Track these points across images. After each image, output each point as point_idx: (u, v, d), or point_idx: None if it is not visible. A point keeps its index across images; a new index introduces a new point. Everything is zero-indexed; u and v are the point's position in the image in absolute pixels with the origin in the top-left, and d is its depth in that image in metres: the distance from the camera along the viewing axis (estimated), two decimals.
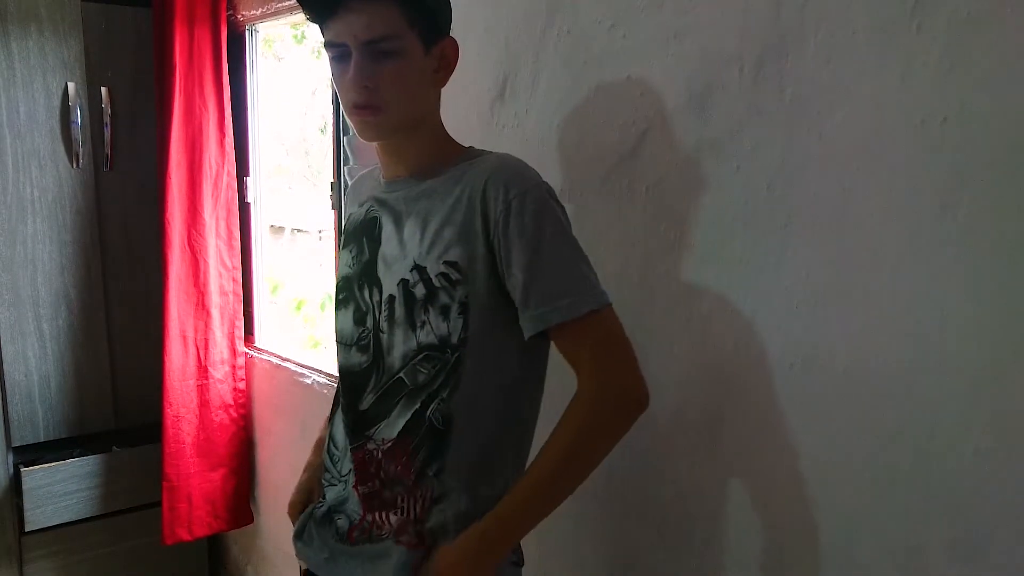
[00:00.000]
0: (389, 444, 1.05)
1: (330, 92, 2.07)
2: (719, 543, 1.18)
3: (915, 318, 0.93)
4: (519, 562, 1.12)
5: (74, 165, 2.37)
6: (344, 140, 2.04)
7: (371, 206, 1.14)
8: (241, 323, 2.50)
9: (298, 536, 1.18)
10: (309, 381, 2.19)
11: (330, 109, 2.08)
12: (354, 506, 1.10)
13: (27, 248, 2.33)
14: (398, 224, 1.08)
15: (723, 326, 1.14)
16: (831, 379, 1.02)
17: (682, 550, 1.23)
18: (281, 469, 2.43)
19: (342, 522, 1.11)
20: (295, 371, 2.28)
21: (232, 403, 2.50)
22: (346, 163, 2.05)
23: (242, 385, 2.52)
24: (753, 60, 1.06)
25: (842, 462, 1.02)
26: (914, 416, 0.94)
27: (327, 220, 2.18)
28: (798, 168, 1.03)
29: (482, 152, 1.09)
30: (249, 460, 2.57)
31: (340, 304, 1.15)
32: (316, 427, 2.15)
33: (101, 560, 2.53)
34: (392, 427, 1.05)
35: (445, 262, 1.01)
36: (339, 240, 2.08)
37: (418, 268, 1.03)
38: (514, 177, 1.00)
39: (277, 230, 2.75)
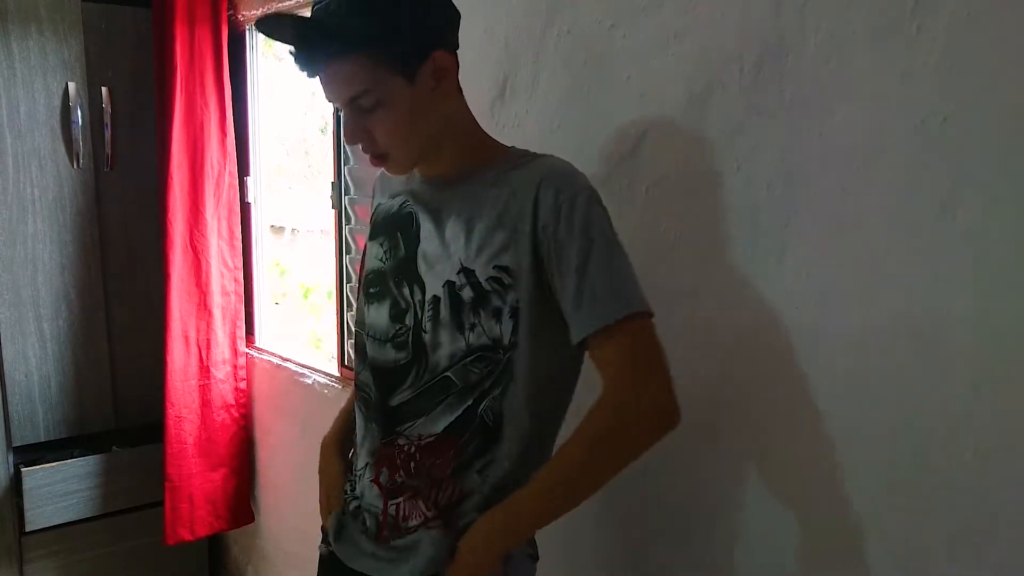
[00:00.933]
0: (429, 440, 1.05)
1: None
2: (719, 543, 1.18)
3: (915, 318, 0.93)
4: (535, 556, 1.13)
5: (74, 165, 2.37)
6: (344, 140, 2.04)
7: (406, 200, 1.13)
8: (242, 323, 2.50)
9: (337, 538, 1.17)
10: (309, 381, 2.19)
11: (330, 109, 2.08)
12: (372, 499, 1.10)
13: (27, 248, 2.33)
14: (438, 223, 1.07)
15: (723, 326, 1.14)
16: (831, 379, 1.02)
17: (682, 550, 1.23)
18: (281, 469, 2.44)
19: (371, 522, 1.10)
20: (295, 371, 2.28)
21: (233, 403, 2.50)
22: (346, 163, 2.05)
23: (243, 385, 2.52)
24: (753, 60, 1.06)
25: (842, 462, 1.02)
26: (914, 416, 0.94)
27: (327, 220, 2.18)
28: (798, 168, 1.03)
29: (527, 153, 1.08)
30: (250, 460, 2.57)
31: (372, 297, 1.13)
32: (316, 427, 2.15)
33: (101, 560, 2.53)
34: (434, 423, 1.05)
35: (496, 266, 1.00)
36: (339, 239, 2.09)
37: (465, 271, 1.02)
38: (565, 181, 1.00)
39: (277, 230, 2.75)
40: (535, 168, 1.03)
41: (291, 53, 1.01)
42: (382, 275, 1.12)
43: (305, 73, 1.01)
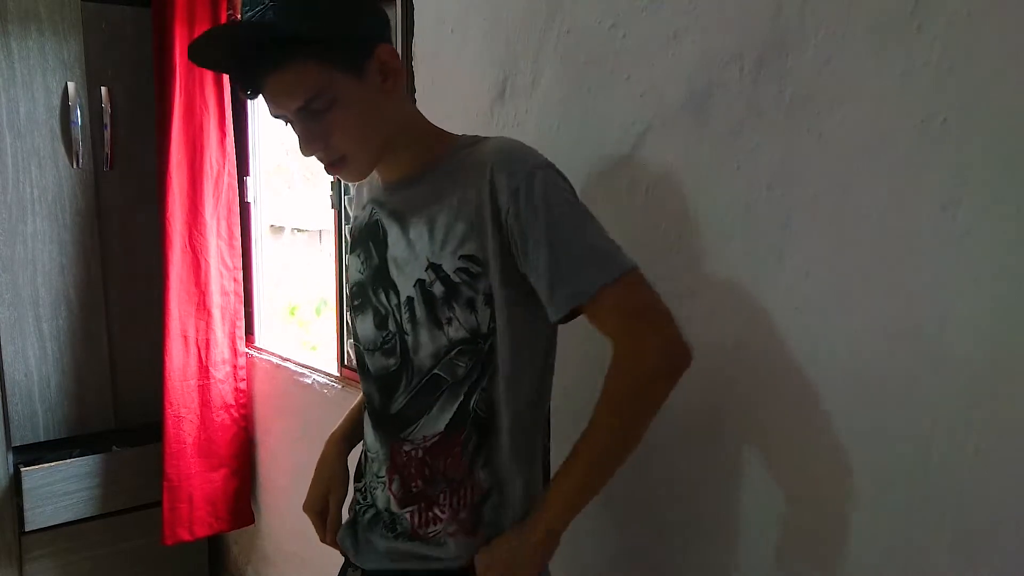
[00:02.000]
0: (434, 440, 1.05)
1: None
2: (719, 543, 1.18)
3: (915, 318, 0.93)
4: None
5: (74, 165, 2.37)
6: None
7: (372, 209, 1.14)
8: (242, 323, 2.50)
9: (352, 549, 1.17)
10: (309, 381, 2.19)
11: None
12: (394, 508, 1.10)
13: (27, 248, 2.33)
14: (403, 225, 1.07)
15: (723, 326, 1.14)
16: (831, 379, 1.02)
17: (682, 550, 1.23)
18: (282, 469, 2.44)
19: (404, 524, 1.10)
20: (295, 371, 2.28)
21: (233, 403, 2.50)
22: None
23: (243, 385, 2.52)
24: (753, 60, 1.06)
25: (842, 462, 1.02)
26: (914, 416, 0.94)
27: (327, 220, 2.18)
28: (798, 168, 1.03)
29: (476, 138, 1.08)
30: (250, 460, 2.57)
31: (356, 310, 1.14)
32: (316, 426, 2.16)
33: (101, 560, 2.54)
34: (436, 423, 1.05)
35: (462, 256, 1.00)
36: (339, 239, 2.09)
37: (433, 267, 1.02)
38: (517, 161, 0.98)
39: (277, 230, 2.75)
40: (484, 152, 1.01)
41: (230, 73, 0.99)
42: (362, 286, 1.13)
43: (248, 93, 0.98)
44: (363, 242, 1.14)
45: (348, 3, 0.99)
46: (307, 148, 1.02)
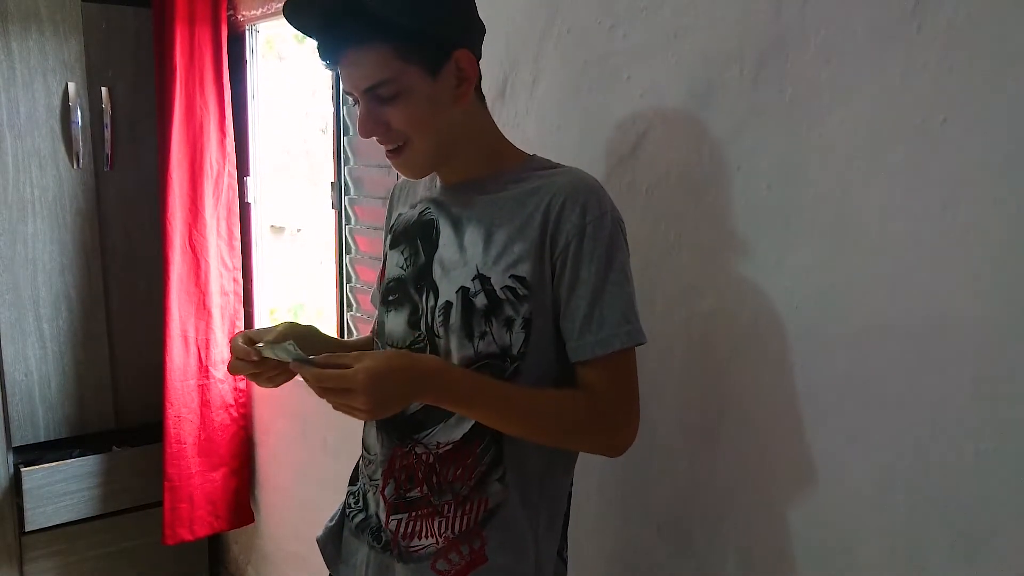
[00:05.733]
0: (447, 448, 1.04)
1: (331, 92, 2.07)
2: (719, 543, 1.18)
3: (915, 318, 0.93)
4: (565, 560, 1.14)
5: (74, 165, 2.37)
6: (344, 140, 2.04)
7: (426, 208, 1.12)
8: (242, 323, 2.51)
9: (334, 555, 1.18)
10: None
11: (330, 109, 2.08)
12: (383, 513, 1.09)
13: (27, 248, 2.33)
14: (457, 229, 1.06)
15: (723, 326, 1.14)
16: (831, 379, 1.02)
17: (682, 550, 1.23)
18: (281, 469, 2.44)
19: (387, 534, 1.09)
20: None
21: (233, 403, 2.50)
22: (346, 163, 2.05)
23: (242, 385, 2.52)
24: (753, 60, 1.06)
25: (842, 462, 1.02)
26: (914, 416, 0.94)
27: (327, 220, 2.18)
28: (798, 168, 1.03)
29: (547, 162, 1.07)
30: (250, 460, 2.57)
31: (391, 305, 1.12)
32: (316, 426, 2.16)
33: (101, 560, 2.54)
34: (454, 430, 1.04)
35: (513, 276, 0.99)
36: (339, 240, 2.09)
37: (481, 277, 1.01)
38: (593, 201, 0.99)
39: (277, 230, 2.75)
40: (562, 181, 1.02)
41: (315, 39, 1.01)
42: (402, 283, 1.11)
43: (327, 62, 1.01)
44: (411, 239, 1.12)
45: (439, 3, 1.00)
46: (364, 129, 1.02)
